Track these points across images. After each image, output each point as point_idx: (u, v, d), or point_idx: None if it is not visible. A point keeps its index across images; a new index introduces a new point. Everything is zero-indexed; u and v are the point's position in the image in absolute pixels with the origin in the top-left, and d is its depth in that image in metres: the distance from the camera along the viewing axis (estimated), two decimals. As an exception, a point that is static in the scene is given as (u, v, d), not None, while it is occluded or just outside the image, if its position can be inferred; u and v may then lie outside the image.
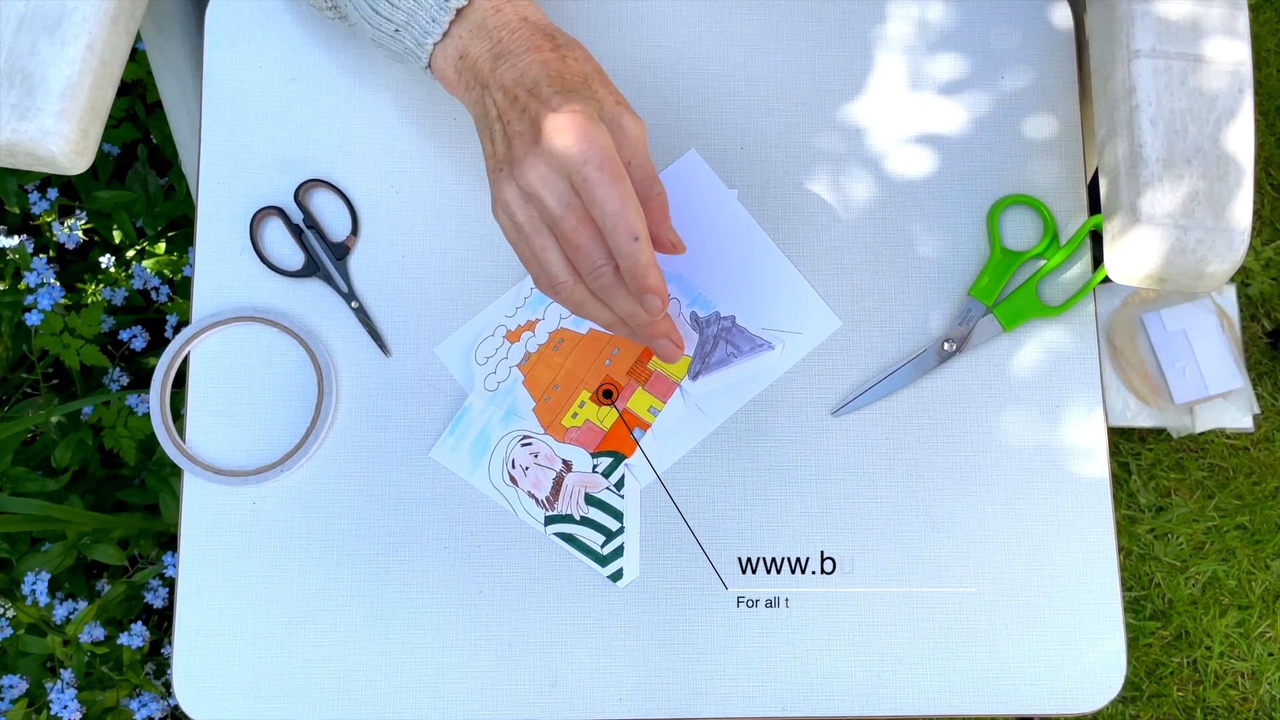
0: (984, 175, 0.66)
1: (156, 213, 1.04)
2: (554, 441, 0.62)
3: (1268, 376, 1.14)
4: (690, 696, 0.61)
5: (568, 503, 0.62)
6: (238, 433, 0.63)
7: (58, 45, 0.55)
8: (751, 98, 0.66)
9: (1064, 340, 0.64)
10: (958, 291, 0.65)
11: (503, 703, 0.60)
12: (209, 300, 0.64)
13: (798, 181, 0.65)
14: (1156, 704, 1.07)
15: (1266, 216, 1.19)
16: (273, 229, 0.65)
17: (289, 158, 0.65)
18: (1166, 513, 1.11)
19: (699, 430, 0.63)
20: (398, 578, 0.61)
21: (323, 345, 0.63)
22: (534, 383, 0.63)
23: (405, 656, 0.61)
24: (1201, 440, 1.11)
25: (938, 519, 0.62)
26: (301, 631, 0.61)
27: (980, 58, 0.67)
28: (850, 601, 0.61)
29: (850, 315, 0.64)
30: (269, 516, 0.62)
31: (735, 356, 0.63)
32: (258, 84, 0.66)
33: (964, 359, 0.64)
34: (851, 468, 0.63)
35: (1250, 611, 1.08)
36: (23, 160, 0.56)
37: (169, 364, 0.63)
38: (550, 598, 0.61)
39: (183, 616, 0.61)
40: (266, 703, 0.60)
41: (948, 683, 0.61)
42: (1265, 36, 1.23)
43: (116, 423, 0.95)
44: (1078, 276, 0.65)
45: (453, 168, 0.65)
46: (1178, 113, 0.56)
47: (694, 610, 0.61)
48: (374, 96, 0.66)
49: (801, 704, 0.60)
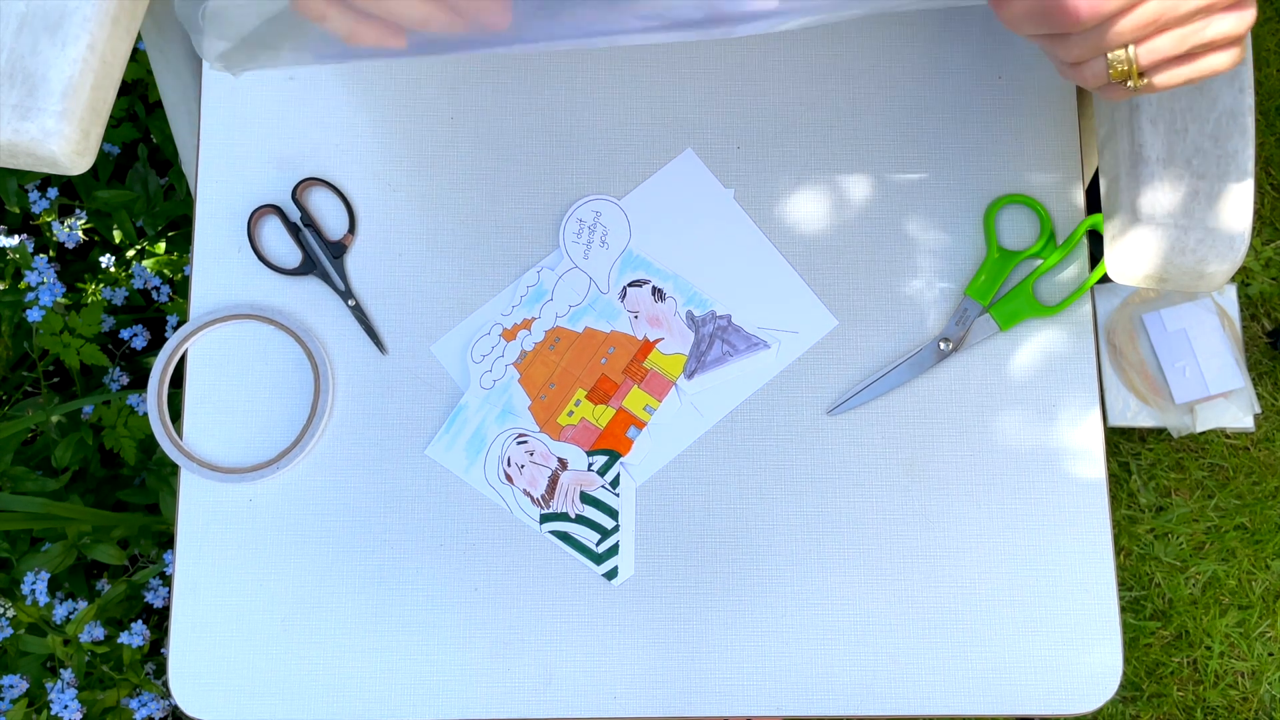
0: (981, 174, 0.66)
1: (157, 212, 1.05)
2: (549, 440, 0.63)
3: (1268, 376, 1.14)
4: (685, 695, 0.61)
5: (563, 501, 0.62)
6: (235, 430, 0.63)
7: (59, 45, 0.55)
8: (748, 97, 0.67)
9: (1061, 340, 0.64)
10: (954, 291, 0.65)
11: (498, 700, 0.60)
12: (207, 298, 0.64)
13: (794, 181, 0.66)
14: (1156, 704, 1.07)
15: (1266, 216, 1.18)
16: (270, 227, 0.65)
17: (287, 156, 0.66)
18: (1166, 513, 1.11)
19: (694, 429, 0.63)
20: (393, 575, 0.61)
21: (319, 343, 0.63)
22: (530, 381, 0.63)
23: (401, 654, 0.61)
24: (1201, 440, 1.11)
25: (934, 519, 0.62)
26: (297, 628, 0.61)
27: (977, 57, 0.67)
28: (846, 600, 0.61)
29: (846, 314, 0.64)
30: (265, 514, 0.62)
31: (731, 355, 0.63)
32: (256, 84, 0.66)
33: (960, 358, 0.64)
34: (847, 467, 0.63)
35: (1250, 611, 1.08)
36: (24, 160, 0.56)
37: (166, 361, 0.64)
38: (545, 596, 0.61)
39: (179, 613, 0.61)
40: (262, 699, 0.60)
41: (944, 683, 0.61)
42: (1265, 36, 1.22)
43: (117, 422, 0.95)
44: (1074, 276, 0.65)
45: (450, 167, 0.66)
46: (1178, 113, 0.56)
47: (689, 608, 0.61)
48: (371, 96, 0.66)
49: (797, 703, 0.60)
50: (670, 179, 0.65)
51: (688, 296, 0.64)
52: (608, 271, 0.64)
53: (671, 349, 0.64)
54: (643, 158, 0.65)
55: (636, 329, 0.64)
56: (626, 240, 0.65)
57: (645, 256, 0.65)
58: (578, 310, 0.64)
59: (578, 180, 0.65)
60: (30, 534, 0.93)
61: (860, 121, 0.66)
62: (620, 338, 0.64)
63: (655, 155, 0.66)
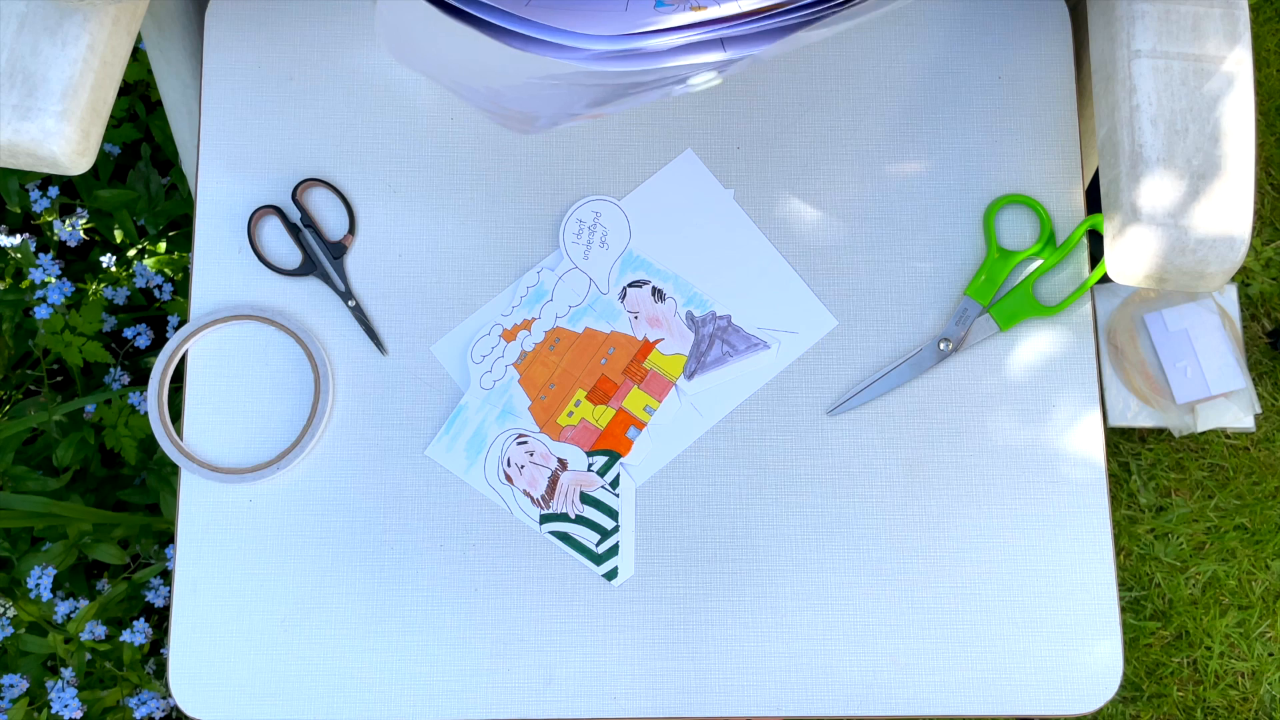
0: (981, 175, 0.66)
1: (158, 212, 1.05)
2: (549, 440, 0.63)
3: (1268, 376, 1.14)
4: (684, 695, 0.61)
5: (563, 501, 0.62)
6: (235, 430, 0.63)
7: (59, 46, 0.55)
8: (747, 97, 0.66)
9: (1060, 340, 0.64)
10: (954, 291, 0.65)
11: (497, 700, 0.60)
12: (207, 298, 0.64)
13: (794, 181, 0.65)
14: (1156, 704, 1.07)
15: (1266, 216, 1.18)
16: (270, 228, 0.65)
17: (287, 157, 0.66)
18: (1166, 513, 1.11)
19: (694, 429, 0.63)
20: (393, 575, 0.61)
21: (319, 344, 0.63)
22: (530, 381, 0.63)
23: (400, 654, 0.61)
24: (1201, 440, 1.11)
25: (933, 519, 0.62)
26: (297, 629, 0.61)
27: (977, 57, 0.67)
28: (846, 600, 0.61)
29: (846, 315, 0.64)
30: (265, 514, 0.62)
31: (731, 356, 0.63)
32: (256, 84, 0.66)
33: (960, 358, 0.64)
34: (847, 467, 0.63)
35: (1250, 611, 1.08)
36: (24, 161, 0.56)
37: (167, 361, 0.64)
38: (545, 596, 0.61)
39: (179, 613, 0.61)
40: (262, 699, 0.60)
41: (943, 683, 0.61)
42: (1265, 36, 1.22)
43: (118, 422, 0.95)
44: (1074, 276, 0.65)
45: (450, 167, 0.66)
46: (1178, 113, 0.56)
47: (689, 608, 0.61)
48: (372, 97, 0.66)
49: (796, 703, 0.61)
50: (670, 179, 0.65)
51: (688, 297, 0.64)
52: (608, 272, 0.64)
53: (671, 349, 0.64)
54: (642, 158, 0.65)
55: (636, 329, 0.64)
56: (626, 241, 0.65)
57: (645, 257, 0.65)
58: (578, 311, 0.64)
59: (578, 180, 0.65)
60: (31, 533, 0.93)
61: (860, 122, 0.66)
62: (620, 338, 0.64)
63: (655, 155, 0.66)
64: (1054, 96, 0.67)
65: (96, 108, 0.57)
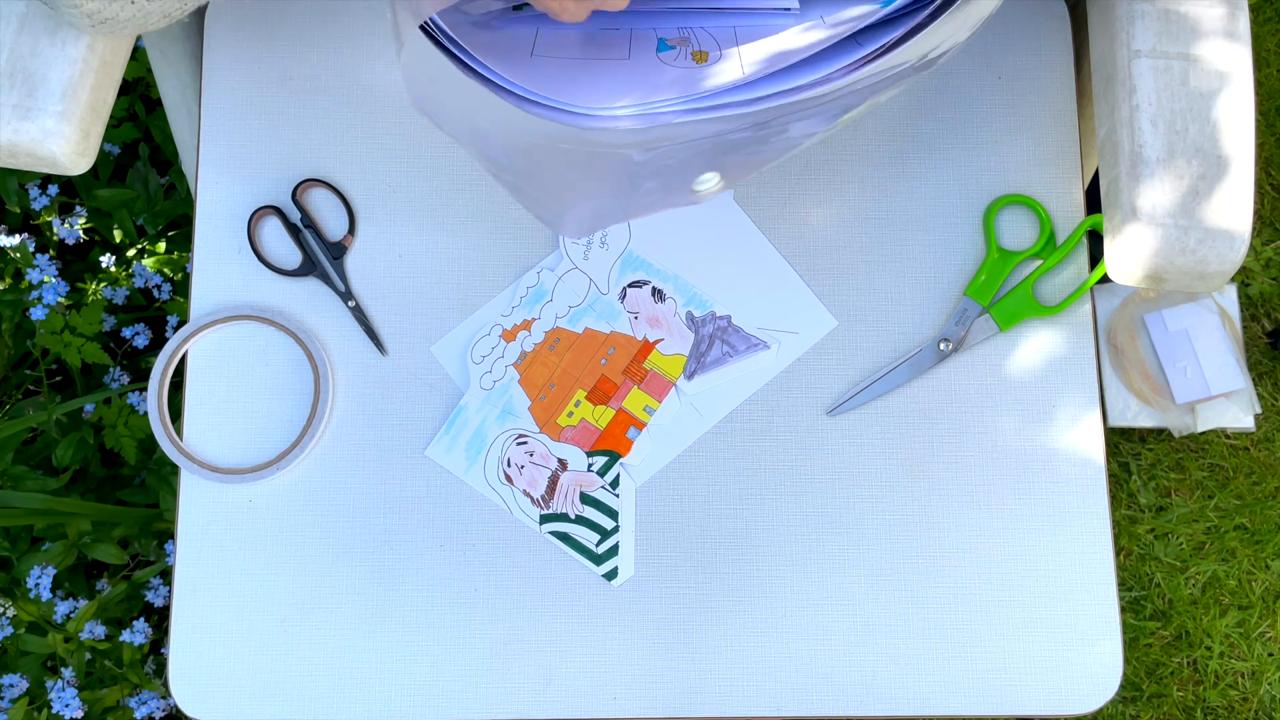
0: (981, 175, 0.66)
1: (157, 211, 1.05)
2: (549, 440, 0.63)
3: (1268, 376, 1.14)
4: (684, 695, 0.61)
5: (563, 501, 0.62)
6: (235, 431, 0.63)
7: (59, 46, 0.55)
8: (748, 97, 0.66)
9: (1060, 340, 0.64)
10: (954, 291, 0.65)
11: (497, 701, 0.60)
12: (207, 299, 0.64)
13: (794, 181, 0.65)
14: (1156, 704, 1.07)
15: (1266, 216, 1.18)
16: (270, 228, 0.65)
17: (287, 157, 0.66)
18: (1166, 513, 1.11)
19: (694, 429, 0.63)
20: (393, 576, 0.61)
21: (319, 344, 0.63)
22: (530, 382, 0.63)
23: (400, 654, 0.61)
24: (1201, 440, 1.11)
25: (933, 519, 0.62)
26: (297, 629, 0.61)
27: (977, 58, 0.67)
28: (845, 601, 0.61)
29: (846, 315, 0.64)
30: (265, 515, 0.62)
31: (731, 356, 0.63)
32: (256, 84, 0.66)
33: (960, 359, 0.64)
34: (847, 467, 0.63)
35: (1250, 611, 1.08)
36: (24, 160, 0.56)
37: (167, 361, 0.64)
38: (545, 596, 0.61)
39: (179, 613, 0.61)
40: (262, 699, 0.60)
41: (944, 683, 0.61)
42: (1265, 36, 1.22)
43: (117, 421, 0.95)
44: (1074, 276, 0.65)
45: (449, 168, 0.66)
46: (1178, 113, 0.56)
47: (689, 609, 0.61)
48: (371, 97, 0.66)
49: (796, 703, 0.61)
50: (670, 179, 0.65)
51: (687, 297, 0.64)
52: (607, 272, 0.64)
53: (671, 350, 0.64)
54: (643, 158, 0.65)
55: (636, 330, 0.64)
56: (626, 241, 0.65)
57: (645, 257, 0.65)
58: (578, 311, 0.64)
59: (578, 180, 0.65)
60: (31, 533, 0.93)
61: (860, 121, 0.66)
62: (620, 338, 0.64)
63: (655, 155, 0.66)
64: (1054, 96, 0.67)
65: (96, 107, 0.57)
